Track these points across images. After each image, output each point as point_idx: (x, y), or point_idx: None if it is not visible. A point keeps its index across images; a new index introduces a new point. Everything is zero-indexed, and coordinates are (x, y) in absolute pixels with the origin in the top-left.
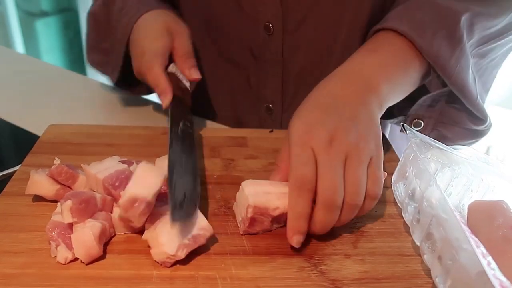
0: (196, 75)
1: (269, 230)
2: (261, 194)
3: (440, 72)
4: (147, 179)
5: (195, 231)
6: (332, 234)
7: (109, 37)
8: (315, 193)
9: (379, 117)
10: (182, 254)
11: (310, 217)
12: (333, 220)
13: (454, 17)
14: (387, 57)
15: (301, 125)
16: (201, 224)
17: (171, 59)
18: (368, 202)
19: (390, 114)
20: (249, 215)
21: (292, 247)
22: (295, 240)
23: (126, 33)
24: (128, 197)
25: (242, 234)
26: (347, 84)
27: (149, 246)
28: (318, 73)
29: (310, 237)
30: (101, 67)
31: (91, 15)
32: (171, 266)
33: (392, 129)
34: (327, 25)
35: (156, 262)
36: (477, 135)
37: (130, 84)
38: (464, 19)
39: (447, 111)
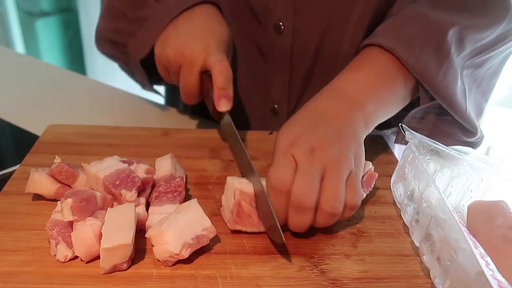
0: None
1: (258, 230)
2: (245, 183)
3: (427, 86)
4: (119, 222)
5: (198, 231)
6: (332, 234)
7: (149, 6)
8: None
9: (364, 135)
10: (186, 254)
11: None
12: (305, 222)
13: (441, 31)
14: (373, 75)
15: (287, 136)
16: (205, 225)
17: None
18: (347, 211)
19: (387, 123)
20: (236, 198)
21: (292, 247)
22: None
23: (178, 8)
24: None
25: (232, 231)
26: (334, 101)
27: (152, 245)
28: (325, 75)
29: (310, 237)
30: (124, 38)
31: None
32: (173, 265)
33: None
34: (336, 25)
35: (158, 260)
36: (470, 146)
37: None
38: (452, 32)
39: (439, 123)
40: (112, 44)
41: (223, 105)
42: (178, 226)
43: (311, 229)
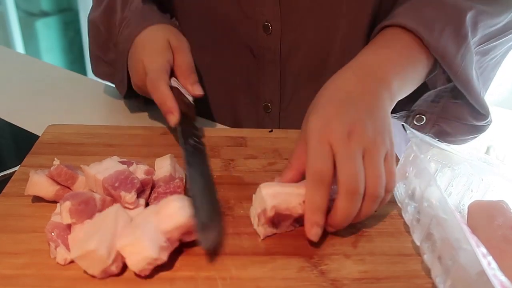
0: (199, 91)
1: (289, 229)
2: (279, 195)
3: (446, 68)
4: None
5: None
6: (331, 234)
7: (112, 49)
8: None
9: (390, 110)
10: (164, 257)
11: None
12: (354, 210)
13: (460, 15)
14: (397, 54)
15: (318, 120)
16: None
17: (171, 74)
18: (386, 195)
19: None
20: (269, 215)
21: (292, 248)
22: (313, 232)
23: (126, 48)
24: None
25: (262, 239)
26: (360, 79)
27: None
28: (316, 73)
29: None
30: (109, 78)
31: (92, 23)
32: (150, 272)
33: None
34: (326, 25)
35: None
36: (477, 130)
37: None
38: (469, 16)
39: (449, 106)
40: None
41: (171, 120)
42: (150, 230)
43: None
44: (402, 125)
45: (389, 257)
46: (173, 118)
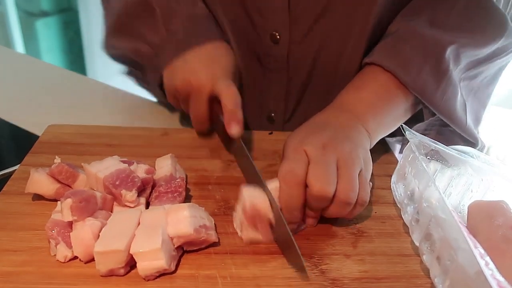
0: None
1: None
2: (258, 195)
3: (427, 103)
4: (120, 227)
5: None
6: (332, 234)
7: (161, 33)
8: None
9: (368, 146)
10: (173, 266)
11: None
12: (320, 211)
13: (439, 50)
14: (373, 94)
15: (296, 137)
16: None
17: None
18: (357, 207)
19: (391, 133)
20: (248, 213)
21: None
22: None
23: (191, 42)
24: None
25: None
26: (339, 115)
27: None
28: (322, 87)
29: (310, 237)
30: (136, 57)
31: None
32: (155, 279)
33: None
34: (334, 37)
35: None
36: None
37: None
38: (449, 50)
39: (442, 133)
40: (130, 63)
41: (234, 129)
42: (165, 239)
43: (311, 229)
44: (401, 126)
45: (388, 257)
46: (238, 129)
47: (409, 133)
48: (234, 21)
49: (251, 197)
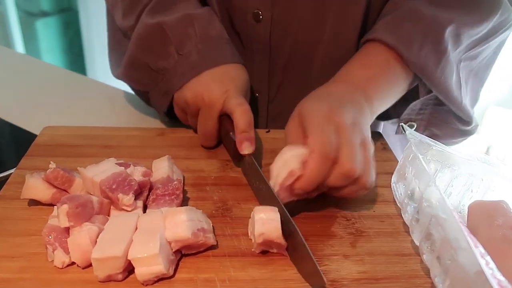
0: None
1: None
2: (269, 219)
3: (426, 81)
4: (117, 232)
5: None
6: (330, 234)
7: (172, 57)
8: None
9: (369, 124)
10: (171, 271)
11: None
12: (342, 187)
13: (439, 29)
14: (378, 71)
15: (323, 107)
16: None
17: None
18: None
19: (386, 114)
20: (257, 241)
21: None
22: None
23: (205, 65)
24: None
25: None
26: (345, 89)
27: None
28: (305, 65)
29: (309, 238)
30: (145, 86)
31: (158, 26)
32: (153, 283)
33: (384, 130)
34: (315, 17)
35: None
36: (465, 134)
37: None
38: (449, 30)
39: (436, 112)
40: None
41: (246, 148)
42: (163, 243)
43: (310, 229)
44: (401, 126)
45: (388, 257)
46: (250, 148)
47: (409, 133)
48: (218, 2)
49: (263, 224)
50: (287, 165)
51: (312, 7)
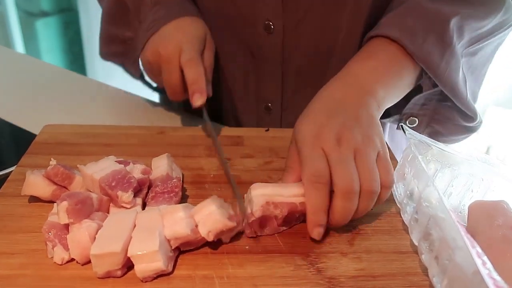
0: (208, 92)
1: (277, 231)
2: (269, 196)
3: (431, 74)
4: (115, 229)
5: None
6: (328, 232)
7: (135, 26)
8: (330, 189)
9: (379, 117)
10: (170, 267)
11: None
12: (352, 209)
13: (443, 21)
14: (381, 63)
15: (309, 129)
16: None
17: None
18: (383, 191)
19: (387, 113)
20: (256, 215)
21: (289, 246)
22: (316, 233)
23: (158, 25)
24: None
25: (249, 237)
26: (347, 89)
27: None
28: (317, 73)
29: (306, 236)
30: (119, 59)
31: (117, 1)
32: (152, 280)
33: (391, 127)
34: (327, 24)
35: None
36: (469, 130)
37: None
38: (453, 22)
39: (440, 108)
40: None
41: (197, 100)
42: (162, 240)
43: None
44: (401, 126)
45: (385, 255)
46: (201, 98)
47: (409, 133)
48: (226, 14)
49: (260, 198)
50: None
51: (323, 15)
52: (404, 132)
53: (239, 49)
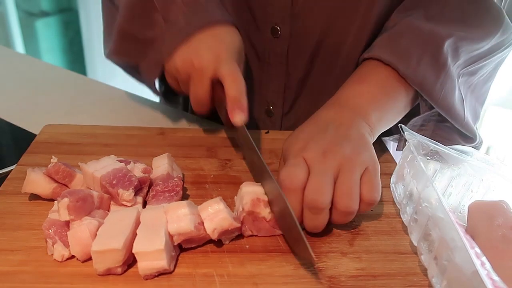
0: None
1: (273, 234)
2: (259, 194)
3: (426, 97)
4: (117, 226)
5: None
6: (328, 232)
7: (159, 24)
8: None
9: (371, 140)
10: (172, 267)
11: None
12: (321, 221)
13: (437, 43)
14: (374, 88)
15: (296, 142)
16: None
17: None
18: (363, 206)
19: (388, 131)
20: (246, 209)
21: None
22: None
23: (194, 28)
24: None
25: (246, 236)
26: (338, 112)
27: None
28: (321, 79)
29: (307, 235)
30: (135, 59)
31: None
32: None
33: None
34: (334, 32)
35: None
36: None
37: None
38: (447, 43)
39: (438, 130)
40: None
41: (238, 117)
42: (167, 239)
43: None
44: (400, 126)
45: (385, 255)
46: (242, 117)
47: (407, 133)
48: (235, 14)
49: (250, 194)
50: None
51: (331, 23)
52: (403, 132)
53: (246, 51)
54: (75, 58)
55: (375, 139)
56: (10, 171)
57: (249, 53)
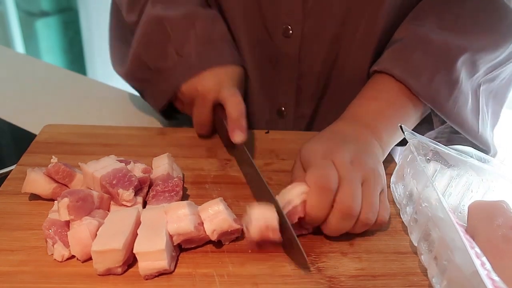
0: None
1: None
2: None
3: (438, 112)
4: (117, 226)
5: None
6: None
7: (171, 56)
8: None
9: (382, 161)
10: (172, 267)
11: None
12: (346, 228)
13: (451, 58)
14: (386, 105)
15: (320, 146)
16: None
17: None
18: (375, 226)
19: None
20: (254, 238)
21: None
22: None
23: (207, 63)
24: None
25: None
26: (354, 127)
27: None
28: (334, 79)
29: (307, 235)
30: (143, 85)
31: (158, 21)
32: (153, 278)
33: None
34: (345, 33)
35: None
36: None
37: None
38: (463, 59)
39: (453, 141)
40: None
41: (238, 137)
42: (168, 240)
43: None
44: (400, 126)
45: (385, 255)
46: (241, 136)
47: (408, 133)
48: (246, 15)
49: (259, 220)
50: (291, 204)
51: (343, 23)
52: (403, 132)
53: (257, 51)
54: (75, 58)
55: (384, 157)
56: (10, 171)
57: (260, 54)
